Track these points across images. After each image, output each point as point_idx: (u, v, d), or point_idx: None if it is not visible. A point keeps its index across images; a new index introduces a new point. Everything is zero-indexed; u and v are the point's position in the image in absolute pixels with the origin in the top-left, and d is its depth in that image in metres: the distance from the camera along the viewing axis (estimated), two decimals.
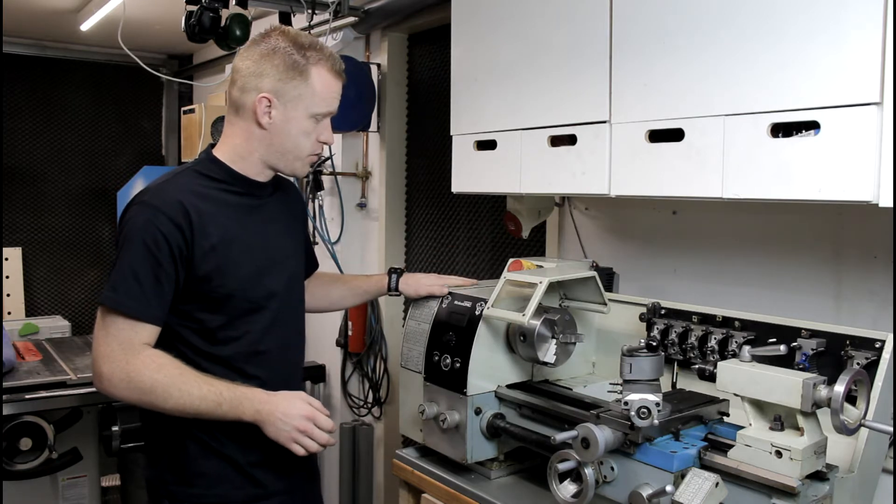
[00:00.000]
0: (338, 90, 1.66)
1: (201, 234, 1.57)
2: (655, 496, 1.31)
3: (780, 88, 1.36)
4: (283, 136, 1.63)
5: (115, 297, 1.53)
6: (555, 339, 1.76)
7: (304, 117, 1.62)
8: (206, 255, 1.57)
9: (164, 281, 1.54)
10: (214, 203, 1.62)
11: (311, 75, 1.60)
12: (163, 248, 1.53)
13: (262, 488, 1.66)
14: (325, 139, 1.68)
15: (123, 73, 5.18)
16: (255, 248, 1.66)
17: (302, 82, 1.60)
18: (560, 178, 1.80)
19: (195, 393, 1.50)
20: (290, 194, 1.87)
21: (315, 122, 1.64)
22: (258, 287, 1.66)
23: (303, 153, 1.66)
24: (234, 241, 1.62)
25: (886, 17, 1.21)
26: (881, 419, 1.35)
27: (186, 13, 2.82)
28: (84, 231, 5.26)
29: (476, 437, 1.75)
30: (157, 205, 1.55)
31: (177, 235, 1.54)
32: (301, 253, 1.86)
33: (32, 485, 2.90)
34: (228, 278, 1.60)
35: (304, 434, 1.53)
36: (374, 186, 3.44)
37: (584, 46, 1.72)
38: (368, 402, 3.47)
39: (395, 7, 3.03)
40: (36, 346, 3.28)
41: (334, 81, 1.64)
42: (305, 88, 1.60)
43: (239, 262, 1.62)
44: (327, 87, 1.63)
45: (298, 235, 1.88)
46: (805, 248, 1.80)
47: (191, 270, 1.56)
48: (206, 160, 1.68)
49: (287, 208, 1.81)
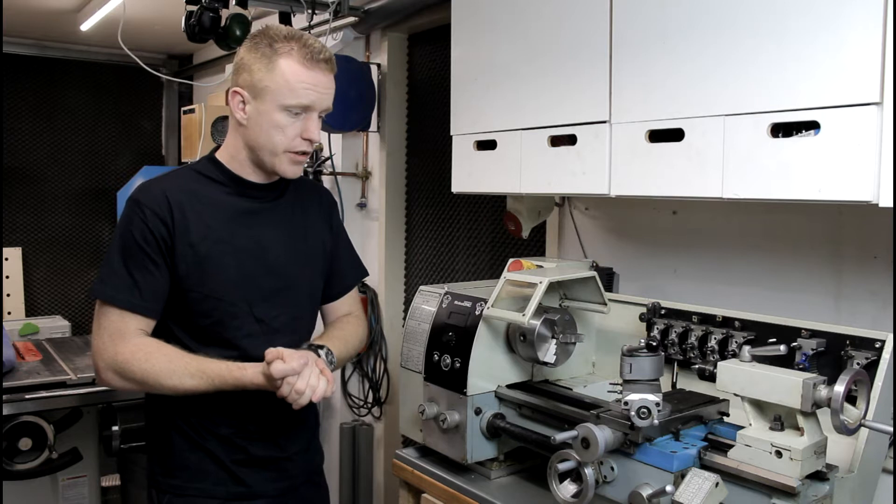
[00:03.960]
0: (313, 81, 1.56)
1: (183, 229, 1.56)
2: (655, 496, 1.31)
3: (780, 88, 1.36)
4: (257, 131, 1.58)
5: (103, 289, 1.55)
6: (555, 339, 1.76)
7: (275, 110, 1.56)
8: (185, 252, 1.57)
9: (156, 272, 1.54)
10: (204, 202, 1.61)
11: (279, 66, 1.54)
12: (150, 242, 1.54)
13: (245, 487, 1.65)
14: (310, 136, 1.60)
15: (123, 73, 5.18)
16: (245, 253, 1.62)
17: (268, 74, 1.54)
18: (560, 178, 1.80)
19: (187, 382, 1.51)
20: (315, 200, 1.79)
21: (290, 115, 1.57)
22: (243, 292, 1.61)
23: (278, 148, 1.59)
24: (219, 243, 1.60)
25: (886, 17, 1.21)
26: (881, 419, 1.35)
27: (186, 13, 2.82)
28: (84, 231, 5.26)
29: (476, 437, 1.75)
30: (143, 199, 1.57)
31: (161, 229, 1.55)
32: (315, 262, 1.77)
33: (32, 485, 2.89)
34: (207, 279, 1.58)
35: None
36: (374, 186, 3.44)
37: (584, 46, 1.72)
38: (368, 402, 3.47)
39: (395, 7, 3.03)
40: (36, 346, 3.28)
41: (305, 71, 1.55)
42: (272, 80, 1.54)
43: (222, 265, 1.59)
44: (295, 76, 1.54)
45: (314, 245, 1.77)
46: (805, 248, 1.80)
47: (173, 266, 1.57)
48: (205, 160, 1.68)
49: (302, 216, 1.74)
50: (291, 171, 1.64)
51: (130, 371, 1.51)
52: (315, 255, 1.78)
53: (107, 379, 1.54)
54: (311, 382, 1.48)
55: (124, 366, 1.51)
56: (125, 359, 1.51)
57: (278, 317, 1.67)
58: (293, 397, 1.47)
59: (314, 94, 1.58)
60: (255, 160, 1.63)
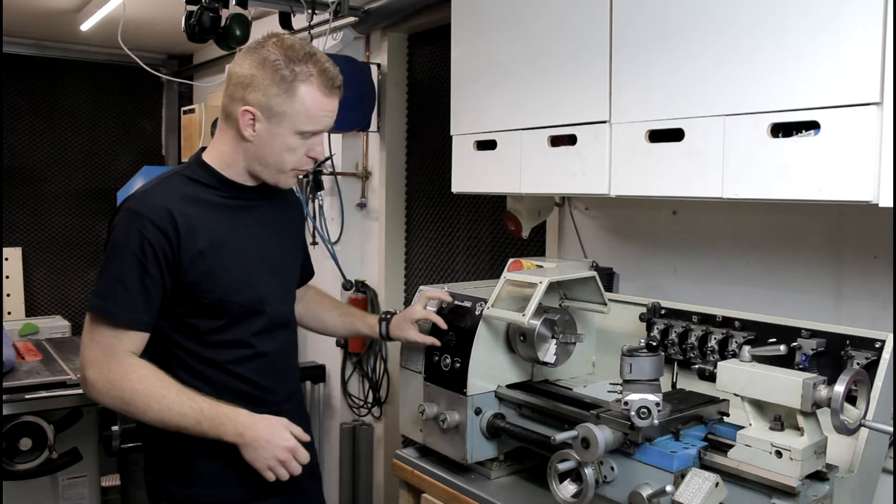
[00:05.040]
0: (330, 108, 1.58)
1: (189, 239, 1.55)
2: (655, 496, 1.31)
3: (780, 88, 1.36)
4: (267, 151, 1.58)
5: (101, 304, 1.53)
6: (555, 339, 1.76)
7: (289, 134, 1.56)
8: (195, 260, 1.56)
9: (152, 287, 1.53)
10: (203, 207, 1.60)
11: (299, 93, 1.53)
12: (149, 255, 1.52)
13: (261, 488, 1.66)
14: (316, 155, 1.62)
15: (123, 73, 5.18)
16: (247, 252, 1.64)
17: (287, 99, 1.53)
18: (560, 178, 1.80)
19: (175, 408, 1.50)
20: (288, 200, 1.84)
21: (302, 138, 1.58)
22: (250, 290, 1.64)
23: (286, 167, 1.61)
24: (224, 245, 1.61)
25: (886, 17, 1.21)
26: (881, 419, 1.35)
27: (186, 13, 2.82)
28: (84, 231, 5.27)
29: (476, 437, 1.75)
30: (143, 211, 1.54)
31: (162, 241, 1.53)
32: (297, 259, 1.84)
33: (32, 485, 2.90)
34: (218, 283, 1.59)
35: (281, 464, 1.53)
36: (374, 186, 3.44)
37: (584, 46, 1.72)
38: (368, 402, 3.47)
39: (395, 7, 3.03)
40: (36, 346, 3.28)
41: (325, 99, 1.56)
42: (291, 106, 1.53)
43: (229, 267, 1.61)
44: (316, 105, 1.55)
45: (294, 241, 1.84)
46: (805, 248, 1.80)
47: (179, 276, 1.55)
48: (194, 164, 1.66)
49: (282, 214, 1.78)
50: (291, 184, 1.68)
51: (120, 388, 1.51)
52: (296, 249, 1.85)
53: (93, 391, 1.53)
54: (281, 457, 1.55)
55: (116, 383, 1.51)
56: (118, 377, 1.51)
57: (282, 313, 1.71)
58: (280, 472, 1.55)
59: (329, 120, 1.60)
60: (253, 172, 1.64)
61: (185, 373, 1.59)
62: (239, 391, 1.62)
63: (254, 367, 1.65)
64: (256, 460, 1.53)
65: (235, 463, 1.59)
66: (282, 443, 1.53)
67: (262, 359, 1.66)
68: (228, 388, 1.61)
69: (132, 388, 1.50)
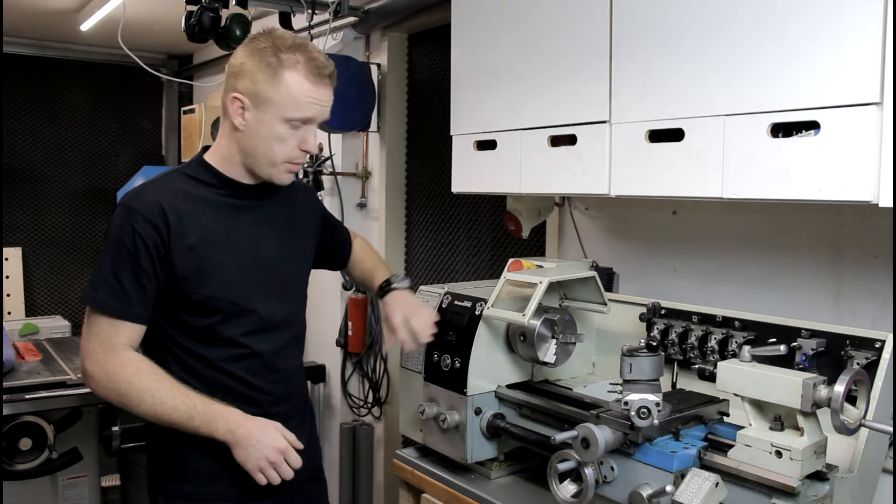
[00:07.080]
0: (318, 96, 1.57)
1: (179, 234, 1.56)
2: (655, 496, 1.31)
3: (780, 88, 1.36)
4: (256, 139, 1.58)
5: (95, 297, 1.54)
6: (555, 339, 1.76)
7: (277, 121, 1.56)
8: (184, 255, 1.56)
9: (145, 280, 1.54)
10: (198, 204, 1.61)
11: (284, 78, 1.54)
12: (140, 249, 1.53)
13: (255, 488, 1.66)
14: (308, 147, 1.62)
15: (123, 73, 5.18)
16: (242, 251, 1.64)
17: (273, 85, 1.54)
18: (560, 178, 1.80)
19: (168, 403, 1.50)
20: (295, 196, 1.81)
21: (291, 127, 1.57)
22: (241, 289, 1.63)
23: (276, 159, 1.60)
24: (218, 244, 1.60)
25: (886, 17, 1.21)
26: (881, 419, 1.35)
27: (186, 13, 2.82)
28: (84, 231, 5.26)
29: (476, 437, 1.75)
30: (135, 206, 1.56)
31: (154, 235, 1.54)
32: (305, 257, 1.82)
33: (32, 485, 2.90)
34: (209, 280, 1.59)
35: (271, 466, 1.53)
36: (374, 186, 3.44)
37: (584, 46, 1.72)
38: (368, 402, 3.47)
39: (395, 7, 3.03)
40: (36, 346, 3.28)
41: (311, 87, 1.56)
42: (276, 92, 1.54)
43: (222, 265, 1.60)
44: (301, 91, 1.54)
45: (303, 239, 1.81)
46: (805, 248, 1.80)
47: (170, 271, 1.56)
48: (195, 163, 1.67)
49: (289, 211, 1.77)
50: (286, 179, 1.66)
51: (116, 381, 1.52)
52: (303, 249, 1.82)
53: (91, 383, 1.55)
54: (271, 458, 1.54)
55: (112, 375, 1.52)
56: (115, 369, 1.52)
57: (277, 313, 1.69)
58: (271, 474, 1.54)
59: (317, 108, 1.59)
60: (247, 165, 1.64)
61: (179, 368, 1.60)
62: (230, 389, 1.62)
63: (246, 365, 1.64)
64: (247, 460, 1.52)
65: (230, 462, 1.59)
66: (272, 443, 1.53)
67: (255, 358, 1.65)
68: (220, 385, 1.61)
69: (127, 380, 1.51)
